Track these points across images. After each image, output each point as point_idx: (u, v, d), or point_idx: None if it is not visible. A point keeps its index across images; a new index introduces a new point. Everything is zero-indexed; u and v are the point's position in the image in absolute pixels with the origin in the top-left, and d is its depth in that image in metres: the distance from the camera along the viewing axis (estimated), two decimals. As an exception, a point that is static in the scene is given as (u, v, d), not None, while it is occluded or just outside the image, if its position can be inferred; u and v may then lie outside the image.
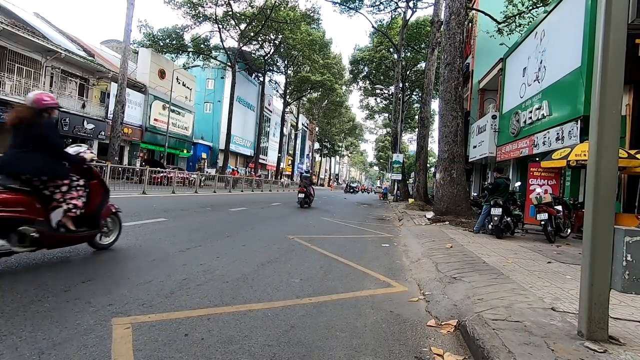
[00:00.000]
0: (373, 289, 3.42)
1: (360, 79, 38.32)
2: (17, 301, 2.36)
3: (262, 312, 2.58)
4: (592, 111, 2.23)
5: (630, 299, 3.07)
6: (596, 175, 2.17)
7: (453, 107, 10.35)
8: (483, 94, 17.05)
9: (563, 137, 8.48)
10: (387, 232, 8.03)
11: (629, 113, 7.64)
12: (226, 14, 28.62)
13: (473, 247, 5.68)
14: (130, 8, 19.03)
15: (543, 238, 7.19)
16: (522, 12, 15.51)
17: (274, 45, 34.27)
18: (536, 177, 8.56)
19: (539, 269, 4.21)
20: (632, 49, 6.98)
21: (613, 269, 2.17)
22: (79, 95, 22.03)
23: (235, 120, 32.33)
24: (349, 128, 66.52)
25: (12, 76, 17.71)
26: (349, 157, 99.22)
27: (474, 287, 3.24)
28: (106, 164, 10.96)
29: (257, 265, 3.86)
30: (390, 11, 28.05)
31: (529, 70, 10.99)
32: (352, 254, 5.00)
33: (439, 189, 10.50)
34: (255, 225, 7.21)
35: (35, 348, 1.81)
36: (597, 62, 2.21)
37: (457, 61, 10.42)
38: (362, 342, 2.22)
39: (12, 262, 3.13)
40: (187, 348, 1.95)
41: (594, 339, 2.07)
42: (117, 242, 4.14)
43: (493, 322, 2.34)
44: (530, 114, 10.45)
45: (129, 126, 24.17)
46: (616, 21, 2.16)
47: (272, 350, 2.01)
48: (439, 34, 15.35)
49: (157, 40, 28.22)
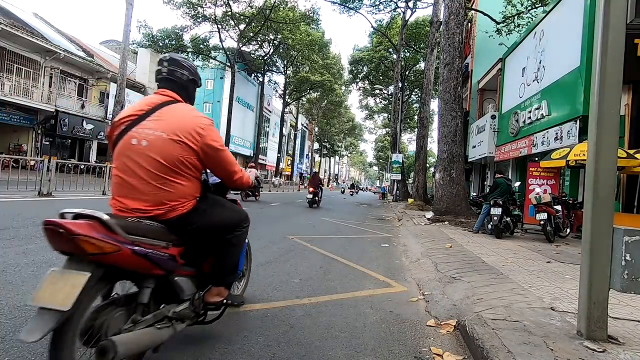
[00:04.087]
0: (372, 289, 3.42)
1: (360, 79, 38.34)
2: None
3: (262, 312, 2.58)
4: (591, 111, 2.23)
5: (629, 298, 3.07)
6: (595, 175, 2.17)
7: (452, 107, 10.35)
8: (482, 94, 17.06)
9: (562, 136, 8.49)
10: (387, 232, 8.03)
11: (627, 113, 7.65)
12: (225, 14, 28.61)
13: (472, 247, 5.69)
14: (129, 8, 18.99)
15: (542, 238, 7.20)
16: (521, 12, 15.52)
17: (273, 46, 34.26)
18: (535, 176, 8.57)
19: (538, 269, 4.21)
20: (631, 48, 6.98)
21: (612, 269, 2.18)
22: (78, 95, 22.01)
23: (235, 121, 32.31)
24: (348, 128, 66.52)
25: (11, 76, 17.69)
26: (348, 157, 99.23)
27: (473, 287, 3.25)
28: (105, 164, 10.95)
29: (257, 265, 3.86)
30: (389, 11, 28.12)
31: (528, 70, 11.00)
32: (351, 254, 5.00)
33: (438, 188, 10.50)
34: (255, 225, 7.18)
35: (35, 349, 1.81)
36: (596, 61, 2.21)
37: (456, 61, 10.43)
38: (362, 342, 2.22)
39: (11, 263, 3.13)
40: (186, 348, 1.95)
41: (593, 339, 2.08)
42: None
43: (492, 321, 2.34)
44: (529, 113, 10.46)
45: (128, 126, 24.13)
46: (615, 21, 2.16)
47: (272, 351, 2.01)
48: (438, 34, 15.36)
49: (157, 41, 28.20)
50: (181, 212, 1.68)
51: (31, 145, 19.35)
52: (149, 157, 1.60)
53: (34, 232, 4.37)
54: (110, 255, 1.36)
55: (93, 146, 23.03)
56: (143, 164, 1.60)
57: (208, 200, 1.85)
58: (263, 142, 43.34)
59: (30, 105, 18.14)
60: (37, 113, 18.91)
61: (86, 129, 21.47)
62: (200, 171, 1.78)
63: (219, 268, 1.95)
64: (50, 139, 20.62)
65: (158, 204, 1.63)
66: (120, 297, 1.52)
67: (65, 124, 20.00)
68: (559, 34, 9.21)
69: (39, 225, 4.71)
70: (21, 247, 3.65)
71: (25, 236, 4.11)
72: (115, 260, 1.38)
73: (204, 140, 1.69)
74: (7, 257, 3.26)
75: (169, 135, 1.62)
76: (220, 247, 1.93)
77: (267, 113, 45.56)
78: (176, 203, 1.67)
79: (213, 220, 1.83)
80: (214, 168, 1.84)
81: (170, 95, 1.76)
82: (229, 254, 1.98)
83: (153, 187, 1.62)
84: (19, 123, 18.27)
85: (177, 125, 1.64)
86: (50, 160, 8.50)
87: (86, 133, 21.59)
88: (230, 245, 1.96)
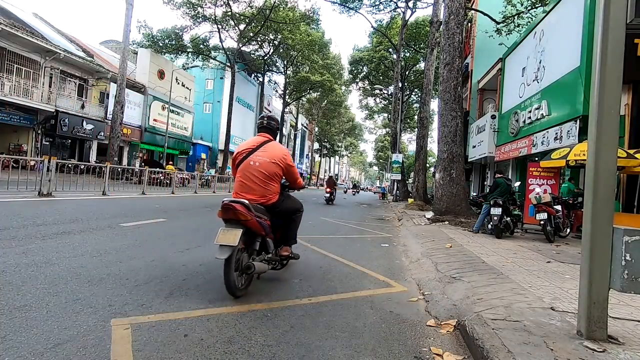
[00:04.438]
0: (372, 289, 3.42)
1: (360, 79, 38.34)
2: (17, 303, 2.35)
3: (262, 312, 2.58)
4: (591, 111, 2.23)
5: (629, 298, 3.07)
6: (595, 174, 2.17)
7: (452, 107, 10.35)
8: (482, 94, 17.06)
9: (562, 136, 8.49)
10: (387, 232, 8.03)
11: (627, 112, 7.65)
12: (225, 14, 28.61)
13: (472, 246, 5.69)
14: (129, 8, 19.02)
15: (542, 238, 7.20)
16: (521, 12, 15.53)
17: (273, 46, 34.27)
18: (535, 176, 8.57)
19: (538, 269, 4.21)
20: (631, 48, 6.98)
21: (612, 269, 2.18)
22: (78, 95, 22.02)
23: (235, 121, 32.29)
24: (348, 128, 66.53)
25: (11, 77, 17.69)
26: (348, 157, 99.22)
27: (473, 287, 3.25)
28: (105, 164, 10.95)
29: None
30: (389, 11, 28.11)
31: (528, 70, 11.00)
32: (351, 254, 5.00)
33: (438, 188, 10.50)
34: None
35: (35, 349, 1.81)
36: (596, 61, 2.21)
37: (456, 61, 10.43)
38: (362, 342, 2.22)
39: (11, 263, 3.13)
40: (186, 348, 1.95)
41: (593, 339, 2.08)
42: (117, 243, 4.14)
43: (492, 321, 2.34)
44: (529, 113, 10.46)
45: (128, 127, 24.15)
46: (615, 20, 2.16)
47: (272, 351, 2.01)
48: (438, 34, 15.36)
49: (157, 41, 28.21)
50: (273, 201, 3.08)
51: (31, 146, 19.35)
52: (259, 171, 3.00)
53: (34, 232, 4.37)
54: (248, 221, 2.69)
55: (93, 146, 23.03)
56: (256, 175, 2.99)
57: (284, 195, 3.29)
58: (263, 142, 43.25)
59: (30, 105, 18.14)
60: (37, 113, 18.92)
61: (86, 129, 21.47)
62: (281, 178, 3.21)
63: (286, 235, 3.33)
64: (50, 139, 20.62)
65: (262, 197, 3.02)
66: (243, 247, 2.80)
67: (65, 124, 20.00)
68: (559, 33, 9.21)
69: (39, 225, 4.75)
70: (21, 247, 3.64)
71: (25, 236, 4.11)
72: (249, 224, 2.71)
73: (286, 162, 3.13)
74: (7, 257, 3.26)
75: (270, 159, 3.03)
76: (287, 222, 3.30)
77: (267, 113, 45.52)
78: (271, 196, 3.06)
79: (287, 206, 3.26)
80: (288, 177, 3.28)
81: (267, 137, 3.20)
82: (292, 227, 3.37)
83: (260, 188, 3.01)
84: (19, 123, 18.27)
85: (273, 154, 3.07)
86: (50, 161, 8.50)
87: (86, 133, 21.59)
88: (293, 222, 3.38)
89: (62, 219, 5.50)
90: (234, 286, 2.64)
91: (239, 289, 2.72)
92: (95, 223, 5.46)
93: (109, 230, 5.05)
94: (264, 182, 2.99)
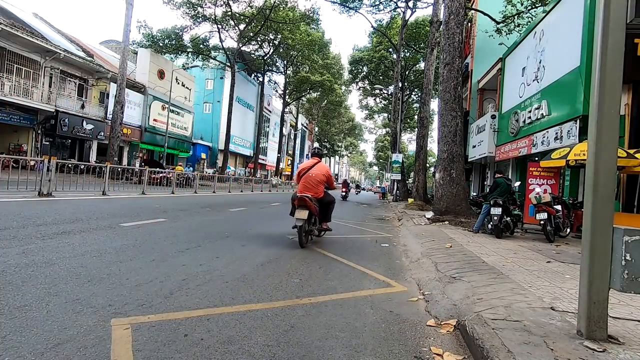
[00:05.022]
0: (372, 289, 3.42)
1: (360, 79, 38.36)
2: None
3: (262, 312, 2.58)
4: (591, 111, 2.23)
5: (629, 298, 3.07)
6: (595, 174, 2.17)
7: (452, 107, 10.35)
8: (482, 94, 17.06)
9: (562, 136, 8.49)
10: (387, 232, 8.03)
11: (627, 112, 7.65)
12: (225, 14, 28.63)
13: (472, 246, 5.69)
14: (129, 8, 19.02)
15: (542, 238, 7.20)
16: (521, 12, 15.53)
17: (273, 46, 34.28)
18: (535, 176, 8.57)
19: (539, 269, 4.21)
20: (631, 48, 6.98)
21: (612, 269, 2.18)
22: (78, 95, 22.02)
23: (235, 121, 32.33)
24: (348, 128, 66.54)
25: (11, 77, 17.69)
26: (348, 157, 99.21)
27: (473, 287, 3.25)
28: (105, 164, 10.95)
29: (257, 265, 3.86)
30: (389, 11, 28.13)
31: (528, 70, 11.00)
32: (351, 254, 5.00)
33: (438, 188, 10.50)
34: (255, 225, 7.21)
35: (35, 349, 1.81)
36: (596, 61, 2.21)
37: (456, 61, 10.43)
38: (362, 342, 2.22)
39: (11, 263, 3.13)
40: (186, 348, 1.95)
41: (593, 338, 2.08)
42: (117, 243, 4.16)
43: (492, 321, 2.34)
44: (529, 113, 10.46)
45: (128, 126, 24.16)
46: (615, 20, 2.16)
47: (272, 351, 2.01)
48: (438, 34, 15.36)
49: (157, 41, 28.23)
50: (320, 196, 5.40)
51: (31, 146, 19.35)
52: (314, 179, 5.36)
53: (34, 232, 4.37)
54: (312, 206, 5.07)
55: (93, 146, 23.03)
56: (312, 182, 5.34)
57: (326, 192, 5.60)
58: (263, 142, 43.35)
59: (30, 105, 18.14)
60: (37, 113, 18.92)
61: (86, 129, 21.47)
62: (325, 183, 5.50)
63: (325, 214, 5.63)
64: (50, 139, 20.62)
65: (315, 194, 5.30)
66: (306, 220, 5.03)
67: (65, 124, 20.00)
68: (559, 33, 9.21)
69: (39, 225, 4.76)
70: (21, 247, 3.64)
71: (25, 236, 4.11)
72: (311, 208, 5.07)
73: (328, 175, 5.54)
74: (7, 257, 3.26)
75: (320, 172, 5.45)
76: (326, 208, 5.61)
77: (267, 113, 45.55)
78: (320, 193, 5.39)
79: (327, 199, 5.56)
80: (328, 183, 5.57)
81: (317, 160, 5.71)
82: (328, 210, 5.67)
83: (314, 188, 5.33)
84: (19, 123, 18.27)
85: (321, 171, 5.47)
86: (50, 161, 8.49)
87: (86, 133, 21.59)
88: (329, 208, 5.67)
89: (62, 219, 5.50)
90: (303, 241, 5.03)
91: (305, 243, 5.08)
92: (95, 223, 5.46)
93: (109, 230, 5.05)
94: (316, 185, 5.33)
